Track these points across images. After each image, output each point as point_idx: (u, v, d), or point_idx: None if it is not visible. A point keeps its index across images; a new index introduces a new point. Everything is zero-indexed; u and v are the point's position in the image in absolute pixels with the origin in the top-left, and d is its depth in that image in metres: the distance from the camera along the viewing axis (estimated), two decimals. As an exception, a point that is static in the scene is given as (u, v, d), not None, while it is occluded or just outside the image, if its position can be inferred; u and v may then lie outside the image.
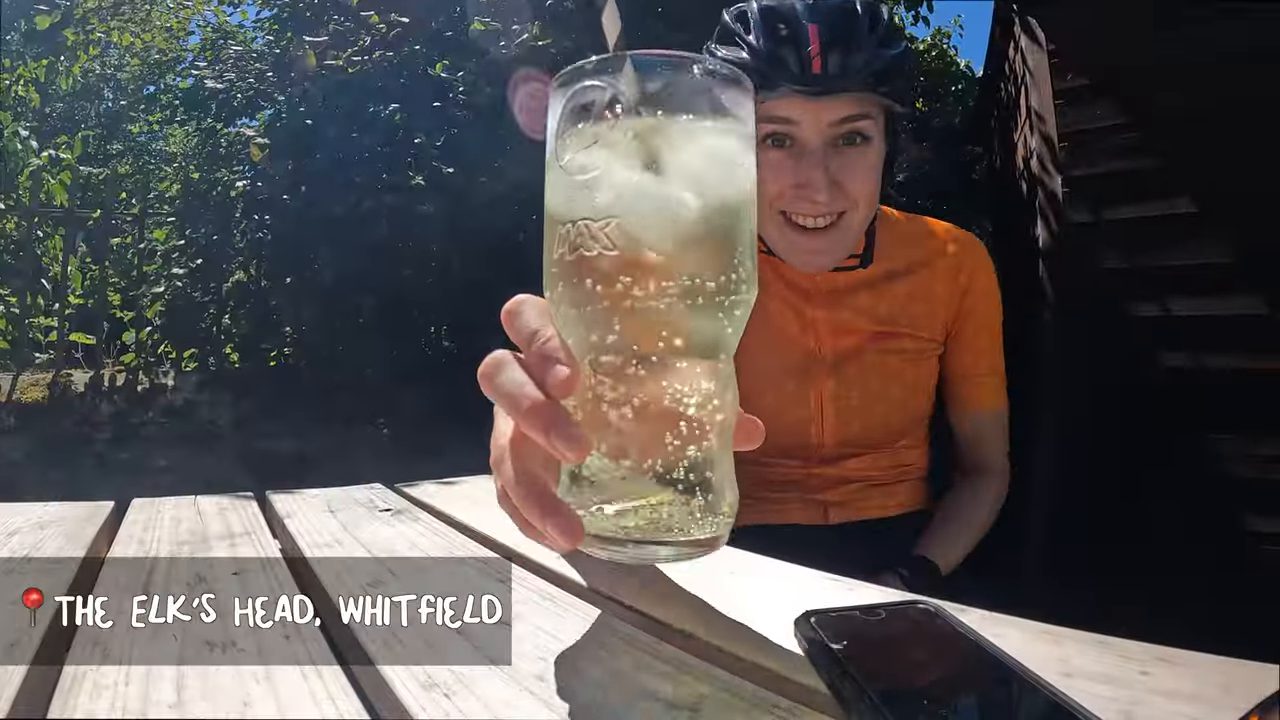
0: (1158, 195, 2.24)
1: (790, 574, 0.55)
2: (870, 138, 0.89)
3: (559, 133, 0.38)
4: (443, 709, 0.32)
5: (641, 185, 0.35)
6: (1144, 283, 2.27)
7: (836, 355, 1.00)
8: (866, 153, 0.89)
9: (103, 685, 0.35)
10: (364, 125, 3.18)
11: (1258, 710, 0.29)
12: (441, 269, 3.11)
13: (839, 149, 0.88)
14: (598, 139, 0.36)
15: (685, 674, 0.36)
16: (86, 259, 5.42)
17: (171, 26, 4.78)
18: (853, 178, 0.87)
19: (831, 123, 0.86)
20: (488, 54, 3.04)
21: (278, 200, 3.27)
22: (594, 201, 0.35)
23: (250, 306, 4.02)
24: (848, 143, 0.88)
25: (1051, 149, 2.46)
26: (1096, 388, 2.35)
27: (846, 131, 0.87)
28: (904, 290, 1.02)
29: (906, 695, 0.31)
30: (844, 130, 0.87)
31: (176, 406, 3.69)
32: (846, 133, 0.87)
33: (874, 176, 0.90)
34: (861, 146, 0.88)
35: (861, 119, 0.87)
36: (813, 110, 0.86)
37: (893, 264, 1.02)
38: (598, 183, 0.36)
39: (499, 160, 2.99)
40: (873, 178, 0.90)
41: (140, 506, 0.76)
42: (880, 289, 1.02)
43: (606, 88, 0.36)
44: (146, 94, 9.25)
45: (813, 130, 0.86)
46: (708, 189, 0.36)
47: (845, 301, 1.01)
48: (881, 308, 1.02)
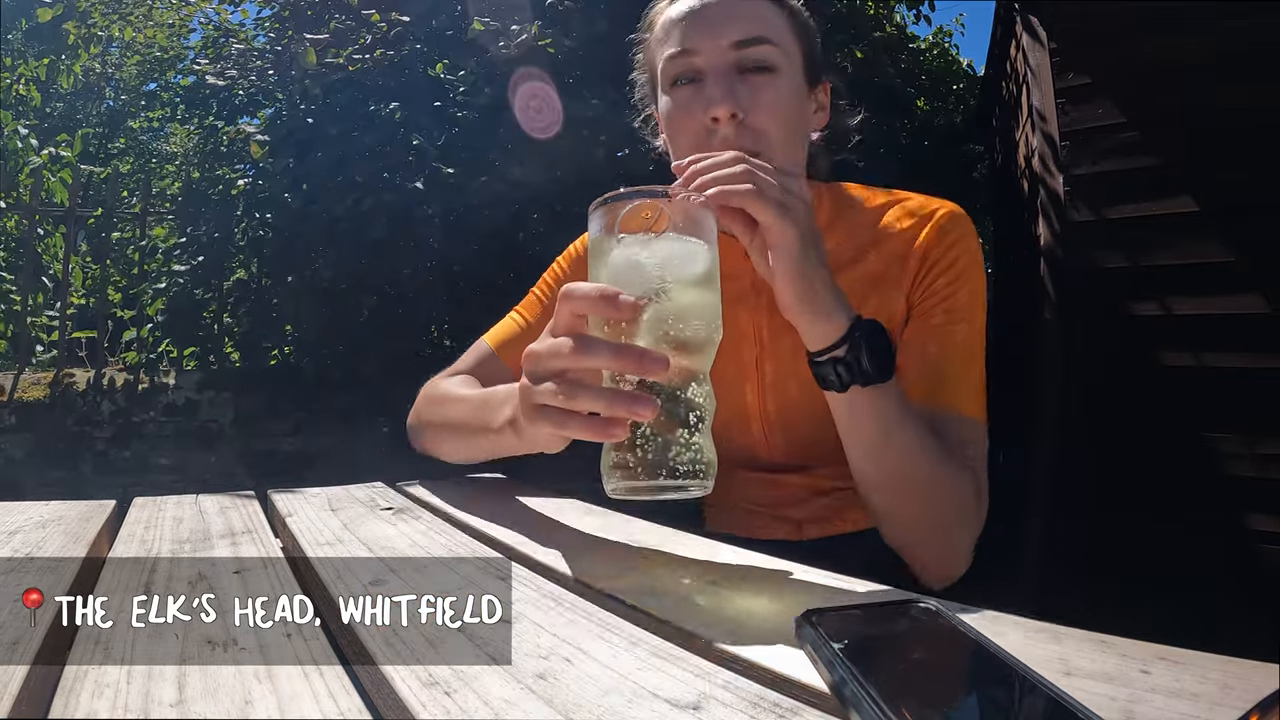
0: (1158, 194, 2.24)
1: (790, 574, 0.55)
2: (777, 68, 0.80)
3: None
4: (443, 707, 0.32)
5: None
6: (1144, 282, 2.27)
7: (775, 365, 0.88)
8: (775, 82, 0.80)
9: (104, 684, 0.35)
10: (364, 124, 3.18)
11: (1257, 710, 0.29)
12: (442, 268, 3.11)
13: (744, 76, 0.80)
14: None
15: (685, 673, 0.37)
16: (87, 258, 5.43)
17: (173, 23, 4.78)
18: (757, 106, 0.78)
19: (730, 44, 0.80)
20: (488, 53, 3.03)
21: (279, 198, 3.27)
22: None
23: (251, 305, 4.02)
24: (754, 70, 0.80)
25: (1053, 148, 2.46)
26: (1096, 387, 2.35)
27: (750, 58, 0.80)
28: (856, 280, 0.86)
29: (907, 694, 0.31)
30: (747, 55, 0.80)
31: (178, 405, 3.69)
32: (750, 61, 0.80)
33: (785, 113, 0.80)
34: (769, 75, 0.80)
35: (761, 43, 0.80)
36: (709, 33, 0.80)
37: (839, 251, 0.87)
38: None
39: (499, 159, 2.99)
40: (783, 113, 0.80)
41: (141, 505, 0.76)
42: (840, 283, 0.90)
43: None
44: (147, 91, 9.27)
45: (713, 54, 0.80)
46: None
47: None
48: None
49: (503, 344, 0.97)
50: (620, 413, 0.51)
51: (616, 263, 0.54)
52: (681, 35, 0.82)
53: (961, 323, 0.82)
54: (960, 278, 0.83)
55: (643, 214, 0.54)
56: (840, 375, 0.66)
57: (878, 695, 0.30)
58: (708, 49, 0.80)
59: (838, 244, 0.87)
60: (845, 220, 0.90)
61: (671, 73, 0.83)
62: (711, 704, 0.33)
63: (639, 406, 0.51)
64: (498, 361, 0.96)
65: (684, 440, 0.53)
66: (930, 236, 0.85)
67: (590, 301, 0.53)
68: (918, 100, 4.99)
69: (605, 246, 0.55)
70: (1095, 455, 2.33)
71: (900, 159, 3.66)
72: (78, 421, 3.53)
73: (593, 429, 0.52)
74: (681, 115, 0.82)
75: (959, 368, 0.81)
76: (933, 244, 0.85)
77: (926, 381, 0.80)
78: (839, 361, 0.66)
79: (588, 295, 0.53)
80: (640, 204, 0.54)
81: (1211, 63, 2.15)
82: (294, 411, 3.64)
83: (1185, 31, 2.21)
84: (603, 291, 0.52)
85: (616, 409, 0.51)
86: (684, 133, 0.82)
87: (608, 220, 0.55)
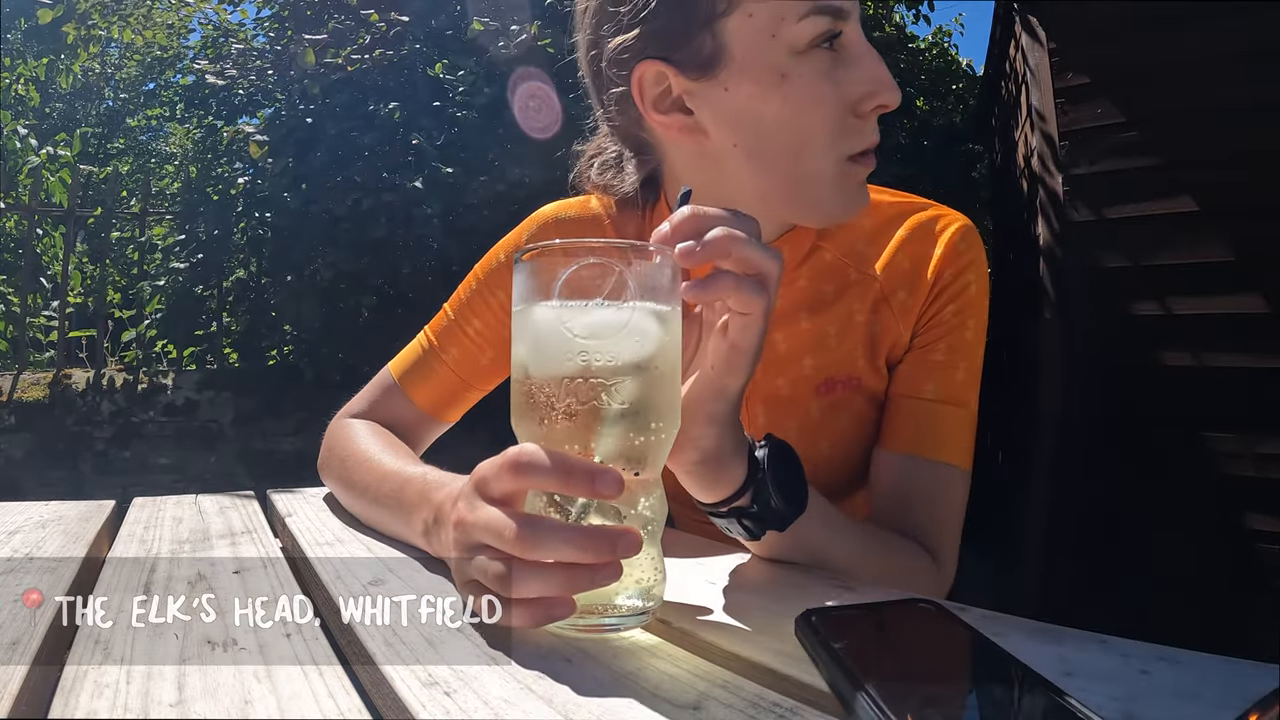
0: (1158, 194, 2.24)
1: (790, 574, 0.55)
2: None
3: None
4: (443, 707, 0.32)
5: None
6: (1144, 281, 2.27)
7: (767, 413, 0.75)
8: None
9: (104, 684, 0.35)
10: (364, 123, 3.18)
11: (1257, 709, 0.29)
12: (441, 268, 3.11)
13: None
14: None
15: (686, 673, 0.37)
16: (85, 258, 5.43)
17: (173, 24, 4.78)
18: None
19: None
20: (487, 53, 3.04)
21: (278, 198, 3.27)
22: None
23: (250, 304, 4.02)
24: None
25: (1052, 147, 2.46)
26: (1096, 386, 2.35)
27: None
28: (852, 301, 0.73)
29: (907, 694, 0.31)
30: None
31: (177, 405, 3.69)
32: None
33: None
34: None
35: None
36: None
37: (832, 263, 0.74)
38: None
39: (498, 159, 2.99)
40: None
41: (141, 505, 0.76)
42: (831, 308, 0.73)
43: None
44: (146, 90, 9.27)
45: (859, 20, 0.61)
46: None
47: (785, 325, 0.73)
48: (831, 337, 0.73)
49: (406, 374, 0.82)
50: (601, 555, 0.39)
51: (549, 336, 0.42)
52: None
53: (963, 363, 0.72)
54: (969, 307, 0.72)
55: (595, 275, 0.41)
56: (749, 528, 0.53)
57: (878, 695, 0.30)
58: (855, 11, 0.60)
59: (835, 260, 0.73)
60: (842, 229, 0.74)
61: (813, 30, 0.59)
62: (711, 704, 0.33)
63: (623, 545, 0.39)
64: (401, 395, 0.81)
65: (628, 565, 0.41)
66: (941, 256, 0.72)
67: (560, 482, 0.40)
68: (917, 100, 4.99)
69: (539, 313, 0.42)
70: (1095, 455, 2.33)
71: (900, 159, 3.66)
72: (77, 421, 3.53)
73: (532, 614, 0.40)
74: (828, 93, 0.60)
75: (953, 414, 0.71)
76: (945, 265, 0.72)
77: (915, 426, 0.71)
78: (744, 512, 0.52)
79: (555, 472, 0.40)
80: (597, 264, 0.41)
81: (1212, 63, 2.15)
82: (294, 411, 3.64)
83: (1185, 31, 2.21)
84: (572, 466, 0.40)
85: (589, 552, 0.39)
86: (819, 116, 0.60)
87: (544, 278, 0.42)
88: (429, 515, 0.52)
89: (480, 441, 0.45)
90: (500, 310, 0.80)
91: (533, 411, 0.42)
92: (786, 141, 0.61)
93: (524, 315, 0.43)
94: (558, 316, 0.41)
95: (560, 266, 0.42)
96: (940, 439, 0.70)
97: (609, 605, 0.42)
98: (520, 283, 0.44)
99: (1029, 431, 2.49)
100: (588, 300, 0.41)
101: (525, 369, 0.43)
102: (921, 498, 0.68)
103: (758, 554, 0.59)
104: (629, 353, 0.41)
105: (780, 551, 0.57)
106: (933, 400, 0.70)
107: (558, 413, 0.41)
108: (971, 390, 0.72)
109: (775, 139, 0.61)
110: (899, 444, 0.70)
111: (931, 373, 0.71)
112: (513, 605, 0.40)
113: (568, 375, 0.41)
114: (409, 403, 0.81)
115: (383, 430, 0.78)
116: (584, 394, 0.41)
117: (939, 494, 0.69)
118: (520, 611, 0.40)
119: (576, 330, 0.41)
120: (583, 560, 0.39)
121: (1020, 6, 2.73)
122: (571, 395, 0.41)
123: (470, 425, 0.89)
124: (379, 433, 0.76)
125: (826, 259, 0.73)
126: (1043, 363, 2.45)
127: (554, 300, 0.41)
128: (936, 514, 0.69)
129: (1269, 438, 2.05)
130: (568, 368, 0.41)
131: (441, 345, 0.82)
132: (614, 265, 0.41)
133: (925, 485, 0.69)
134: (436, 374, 0.81)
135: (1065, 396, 2.39)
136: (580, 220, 0.81)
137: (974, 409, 0.72)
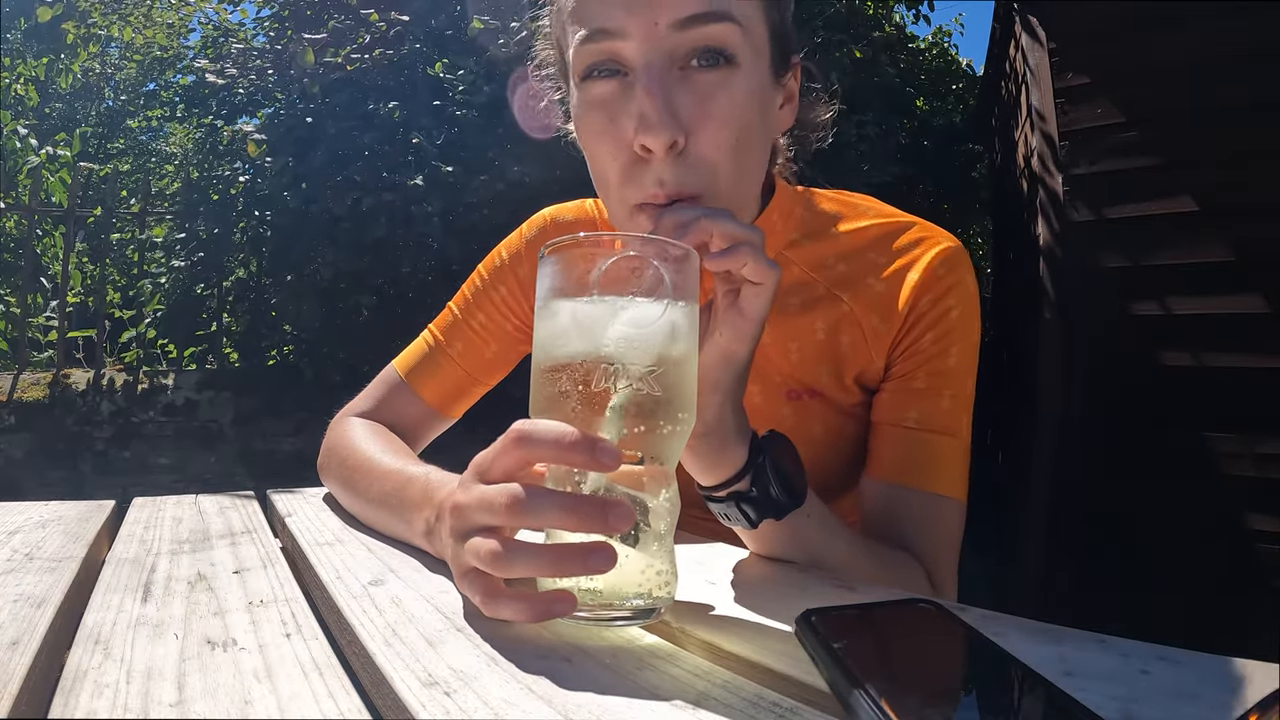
0: (1158, 194, 2.24)
1: (790, 574, 0.55)
2: (735, 57, 0.56)
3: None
4: (443, 707, 0.32)
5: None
6: (1144, 281, 2.27)
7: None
8: (731, 82, 0.56)
9: (104, 684, 0.35)
10: (364, 123, 3.18)
11: (1257, 710, 0.29)
12: (441, 267, 3.11)
13: (687, 72, 0.55)
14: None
15: (686, 673, 0.37)
16: (85, 258, 5.42)
17: (173, 23, 4.78)
18: (705, 126, 0.55)
19: (672, 24, 0.54)
20: (487, 52, 3.04)
21: (278, 197, 3.27)
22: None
23: (250, 304, 4.02)
24: (705, 65, 0.55)
25: (1052, 147, 2.46)
26: (1096, 386, 2.35)
27: (698, 43, 0.55)
28: (821, 327, 0.71)
29: (907, 694, 0.31)
30: (694, 37, 0.55)
31: (177, 405, 3.69)
32: (699, 46, 0.55)
33: (743, 129, 0.57)
34: (723, 71, 0.56)
35: (715, 20, 0.55)
36: (642, 8, 0.54)
37: (804, 284, 0.71)
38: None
39: (498, 158, 2.99)
40: (739, 131, 0.56)
41: (141, 505, 0.76)
42: (793, 321, 0.71)
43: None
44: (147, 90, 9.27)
45: (645, 40, 0.55)
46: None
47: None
48: (792, 352, 0.71)
49: (413, 370, 0.83)
50: (591, 522, 0.39)
51: (593, 328, 0.42)
52: (600, 5, 0.56)
53: (947, 390, 0.68)
54: (951, 334, 0.68)
55: (632, 270, 0.42)
56: (747, 513, 0.53)
57: (877, 695, 0.30)
58: (638, 29, 0.55)
59: (802, 275, 0.71)
60: (816, 244, 0.72)
61: (585, 59, 0.57)
62: (711, 704, 0.33)
63: (613, 516, 0.39)
64: (408, 391, 0.82)
65: (649, 556, 0.42)
66: (919, 283, 0.69)
67: (559, 450, 0.40)
68: (917, 100, 4.99)
69: (573, 306, 0.42)
70: (1094, 454, 2.33)
71: (900, 159, 3.66)
72: (77, 422, 3.53)
73: (531, 608, 0.39)
74: (601, 123, 0.57)
75: (942, 443, 0.67)
76: (921, 292, 0.69)
77: (902, 457, 0.68)
78: (743, 497, 0.53)
79: (555, 442, 0.40)
80: (631, 258, 0.42)
81: (1212, 63, 2.15)
82: (294, 411, 3.64)
83: (1185, 31, 2.21)
84: (573, 438, 0.39)
85: (578, 516, 0.39)
86: (604, 153, 0.58)
87: (577, 272, 0.42)
88: (431, 515, 0.52)
89: (481, 441, 0.45)
90: (503, 305, 0.83)
91: (561, 402, 0.42)
92: (595, 175, 0.62)
93: (554, 308, 0.43)
94: (593, 309, 0.42)
95: (595, 260, 0.42)
96: (928, 468, 0.67)
97: (624, 598, 0.42)
98: (550, 275, 0.44)
99: (1029, 431, 2.49)
100: (622, 294, 0.42)
101: (553, 361, 0.43)
102: (913, 526, 0.66)
103: (754, 549, 0.59)
104: (661, 345, 0.42)
105: (777, 548, 0.57)
106: (917, 429, 0.68)
107: (584, 404, 0.41)
108: (960, 418, 0.68)
109: (592, 171, 0.62)
110: (884, 472, 0.68)
111: (913, 400, 0.69)
112: (512, 599, 0.40)
113: (598, 366, 0.41)
114: (416, 398, 0.82)
115: (383, 430, 0.78)
116: (615, 385, 0.41)
117: (931, 523, 0.67)
118: (520, 605, 0.39)
119: (614, 322, 0.42)
120: (569, 526, 0.40)
121: (1020, 6, 2.73)
122: (601, 385, 0.41)
123: (471, 425, 0.90)
124: (379, 432, 0.77)
125: (794, 272, 0.72)
126: (1042, 363, 2.45)
127: (589, 293, 0.42)
128: (929, 544, 0.66)
129: (1269, 438, 2.05)
130: (599, 359, 0.41)
131: (447, 340, 0.83)
132: (649, 260, 0.42)
133: (916, 514, 0.66)
134: (443, 369, 0.83)
135: (1065, 396, 2.39)
136: (577, 223, 0.83)
137: (965, 438, 0.69)
